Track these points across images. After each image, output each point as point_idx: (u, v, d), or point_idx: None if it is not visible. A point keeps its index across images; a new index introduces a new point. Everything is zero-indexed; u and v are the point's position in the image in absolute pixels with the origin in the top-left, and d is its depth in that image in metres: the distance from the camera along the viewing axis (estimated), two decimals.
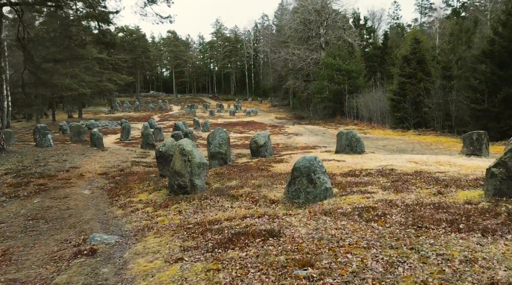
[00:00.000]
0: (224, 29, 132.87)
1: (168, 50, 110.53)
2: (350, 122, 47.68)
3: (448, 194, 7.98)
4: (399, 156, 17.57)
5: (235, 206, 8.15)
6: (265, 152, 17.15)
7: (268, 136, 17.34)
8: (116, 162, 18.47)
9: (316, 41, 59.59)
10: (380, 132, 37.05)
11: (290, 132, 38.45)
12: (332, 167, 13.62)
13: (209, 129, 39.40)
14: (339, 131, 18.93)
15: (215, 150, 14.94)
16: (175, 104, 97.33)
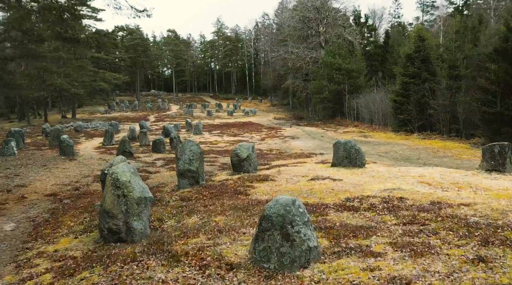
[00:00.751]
0: (225, 28, 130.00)
1: (168, 49, 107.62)
2: (350, 124, 44.72)
3: (495, 262, 5.05)
4: (406, 170, 14.62)
5: (170, 277, 5.22)
6: (249, 166, 14.20)
7: (252, 148, 14.40)
8: (77, 177, 15.57)
9: (316, 39, 56.56)
10: (381, 135, 34.08)
11: (286, 136, 35.51)
12: (325, 190, 10.71)
13: (201, 132, 36.50)
14: (336, 141, 15.97)
15: (184, 167, 12.02)
16: (174, 103, 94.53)
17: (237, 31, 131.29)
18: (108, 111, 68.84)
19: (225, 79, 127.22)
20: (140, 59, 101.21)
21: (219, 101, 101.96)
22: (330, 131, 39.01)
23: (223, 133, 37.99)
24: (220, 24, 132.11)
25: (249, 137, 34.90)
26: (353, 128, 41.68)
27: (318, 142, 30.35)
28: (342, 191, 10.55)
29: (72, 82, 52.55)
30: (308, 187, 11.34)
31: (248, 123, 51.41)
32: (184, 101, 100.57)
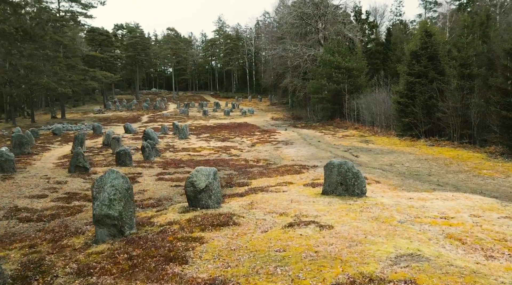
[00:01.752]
0: (226, 27, 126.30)
1: (167, 47, 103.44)
2: (350, 126, 40.54)
3: None
4: (420, 202, 10.64)
5: None
6: (208, 199, 10.13)
7: (214, 174, 10.31)
8: None
9: (314, 36, 52.36)
10: (384, 141, 29.94)
11: (279, 140, 31.45)
12: (305, 256, 6.68)
13: (187, 136, 32.46)
14: (329, 162, 11.89)
15: (101, 211, 7.97)
16: (173, 102, 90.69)
17: (238, 30, 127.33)
18: (102, 111, 64.91)
19: (226, 78, 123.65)
20: (140, 57, 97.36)
21: (219, 100, 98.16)
22: (328, 135, 34.89)
23: (212, 137, 33.96)
24: (221, 23, 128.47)
25: (238, 143, 30.87)
26: (353, 131, 37.55)
27: (313, 150, 26.24)
28: (330, 258, 6.49)
29: (60, 81, 48.51)
30: (281, 244, 7.30)
31: (243, 124, 47.37)
32: (184, 100, 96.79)
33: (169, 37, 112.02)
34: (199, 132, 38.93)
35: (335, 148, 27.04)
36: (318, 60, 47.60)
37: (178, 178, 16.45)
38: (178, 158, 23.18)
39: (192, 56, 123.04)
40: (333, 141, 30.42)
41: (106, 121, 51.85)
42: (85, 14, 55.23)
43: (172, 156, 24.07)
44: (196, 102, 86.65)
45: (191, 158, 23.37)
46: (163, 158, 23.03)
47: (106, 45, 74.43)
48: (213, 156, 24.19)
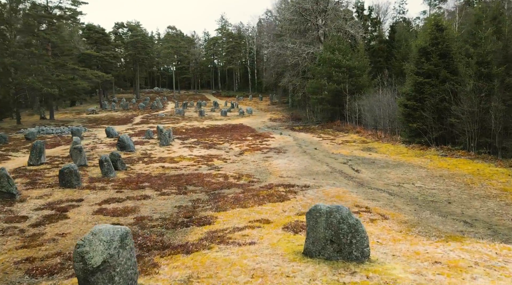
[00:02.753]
0: (228, 25, 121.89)
1: (168, 46, 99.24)
2: (351, 130, 36.25)
3: None
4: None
5: None
6: (109, 283, 5.97)
7: (122, 239, 6.14)
8: None
9: (314, 33, 47.96)
10: (390, 149, 25.65)
11: (272, 147, 27.21)
12: None
13: (169, 143, 28.27)
14: (313, 207, 7.70)
15: None
16: (173, 101, 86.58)
17: (240, 29, 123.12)
18: (96, 111, 60.89)
19: (228, 76, 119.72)
20: (140, 56, 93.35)
21: (220, 99, 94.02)
22: (327, 141, 30.62)
23: (199, 143, 29.80)
24: (224, 22, 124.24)
25: (225, 150, 26.70)
26: (354, 135, 33.25)
27: (307, 160, 21.99)
28: None
29: (45, 81, 44.43)
30: None
31: (238, 126, 43.20)
32: (184, 99, 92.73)
33: (169, 35, 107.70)
34: (187, 136, 34.78)
35: (333, 158, 22.78)
36: (317, 58, 43.25)
37: (126, 208, 12.31)
38: (147, 172, 19.04)
39: (194, 55, 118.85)
40: (331, 149, 26.15)
41: (95, 123, 47.82)
42: (75, 11, 51.01)
43: (142, 169, 19.94)
44: (195, 101, 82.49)
45: (163, 172, 19.24)
46: (129, 172, 18.89)
47: (102, 43, 70.30)
48: (190, 169, 20.02)
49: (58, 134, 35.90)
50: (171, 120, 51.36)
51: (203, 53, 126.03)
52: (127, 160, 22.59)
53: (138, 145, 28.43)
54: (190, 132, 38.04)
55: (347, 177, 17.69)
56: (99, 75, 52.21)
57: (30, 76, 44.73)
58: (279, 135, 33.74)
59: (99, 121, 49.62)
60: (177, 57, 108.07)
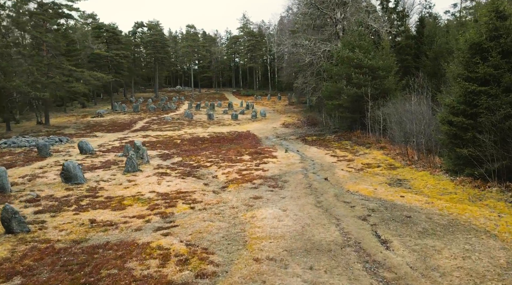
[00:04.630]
0: (250, 23, 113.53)
1: (186, 45, 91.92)
2: (373, 144, 27.89)
3: None
4: None
5: None
6: None
7: None
8: None
9: (331, 28, 39.44)
10: (428, 182, 17.32)
11: (268, 176, 19.16)
12: None
13: (136, 169, 20.47)
14: None
15: None
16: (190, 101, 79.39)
17: (262, 27, 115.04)
18: (102, 113, 54.04)
19: (248, 75, 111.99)
20: (159, 55, 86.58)
21: (239, 98, 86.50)
22: (343, 163, 22.41)
23: (181, 165, 22.12)
24: (245, 20, 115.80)
25: (207, 179, 18.93)
26: (378, 152, 24.94)
27: (309, 211, 13.89)
28: None
29: (34, 84, 37.57)
30: None
31: (243, 135, 35.39)
32: (203, 98, 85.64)
33: (188, 34, 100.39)
34: (174, 152, 27.22)
35: (348, 203, 14.61)
36: (334, 57, 34.81)
37: None
38: (54, 239, 11.50)
39: (215, 54, 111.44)
40: (347, 181, 17.97)
41: (90, 130, 40.85)
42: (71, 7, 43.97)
43: (57, 229, 12.41)
44: (211, 101, 74.96)
45: (77, 238, 11.67)
46: (25, 240, 11.38)
47: (113, 43, 63.42)
48: (129, 228, 12.34)
49: (30, 148, 28.88)
50: (175, 125, 43.98)
51: (224, 51, 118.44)
52: (60, 201, 15.16)
53: (100, 169, 20.98)
54: (183, 145, 30.47)
55: (368, 263, 9.65)
56: (98, 77, 45.14)
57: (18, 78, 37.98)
58: (284, 153, 25.60)
59: (96, 127, 42.67)
60: (197, 56, 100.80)
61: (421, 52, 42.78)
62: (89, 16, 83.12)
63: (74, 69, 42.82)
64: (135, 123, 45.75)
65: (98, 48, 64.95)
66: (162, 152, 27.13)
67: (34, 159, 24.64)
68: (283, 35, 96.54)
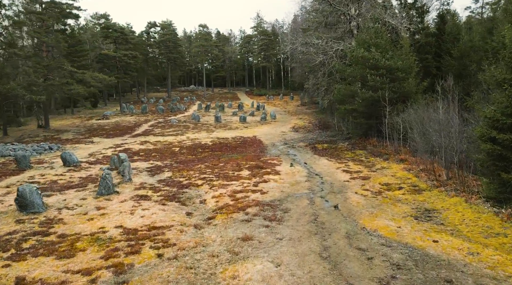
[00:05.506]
0: (264, 22, 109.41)
1: (198, 44, 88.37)
2: (392, 154, 23.82)
3: None
4: None
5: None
6: None
7: None
8: None
9: (344, 26, 35.23)
10: (466, 216, 13.24)
11: (266, 202, 15.29)
12: None
13: (111, 191, 16.77)
14: None
15: None
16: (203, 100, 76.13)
17: (275, 26, 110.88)
18: (107, 116, 50.90)
19: (262, 74, 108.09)
20: (172, 55, 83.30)
21: (251, 97, 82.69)
22: (357, 182, 18.42)
23: (167, 184, 18.49)
24: (259, 19, 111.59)
25: (193, 205, 15.23)
26: (398, 167, 20.88)
27: (311, 266, 10.10)
28: None
29: (30, 87, 34.41)
30: None
31: (248, 142, 31.63)
32: (215, 98, 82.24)
33: (201, 34, 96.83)
34: (168, 163, 23.62)
35: (363, 254, 10.65)
36: (347, 57, 30.65)
37: None
38: None
39: (228, 53, 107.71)
40: (362, 211, 14.03)
41: (90, 134, 37.64)
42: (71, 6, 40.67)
43: None
44: (221, 101, 71.35)
45: None
46: None
47: (121, 43, 60.20)
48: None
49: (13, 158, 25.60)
50: (179, 129, 40.47)
51: (237, 51, 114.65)
52: None
53: (73, 189, 17.46)
54: (181, 155, 26.87)
55: None
56: (100, 78, 41.83)
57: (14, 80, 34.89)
58: (289, 167, 21.66)
59: (97, 131, 39.43)
60: (210, 56, 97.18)
61: (442, 50, 38.24)
62: (101, 16, 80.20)
63: (75, 71, 39.58)
64: (139, 127, 42.39)
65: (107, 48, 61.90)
66: (154, 164, 23.53)
67: (9, 172, 21.32)
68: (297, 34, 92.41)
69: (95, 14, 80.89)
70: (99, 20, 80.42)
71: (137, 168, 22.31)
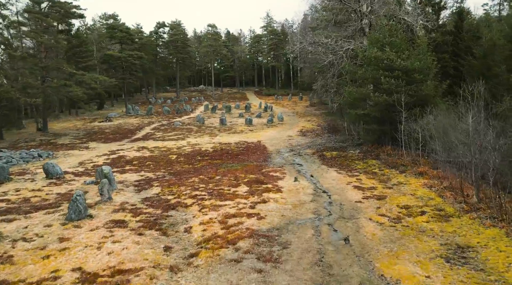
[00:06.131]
0: (273, 22, 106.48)
1: (206, 44, 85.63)
2: (409, 166, 20.78)
3: None
4: None
5: None
6: None
7: None
8: None
9: (355, 23, 32.08)
10: (511, 256, 10.22)
11: (262, 232, 12.36)
12: None
13: (84, 215, 14.00)
14: None
15: None
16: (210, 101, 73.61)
17: (285, 25, 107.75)
18: (110, 118, 48.51)
19: (271, 74, 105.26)
20: (181, 55, 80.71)
21: (260, 97, 79.86)
22: (371, 199, 15.46)
23: (151, 205, 15.74)
24: (269, 19, 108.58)
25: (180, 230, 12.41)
26: (418, 183, 17.82)
27: None
28: None
29: (25, 89, 32.03)
30: None
31: (251, 148, 28.82)
32: (224, 98, 79.56)
33: (209, 34, 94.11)
34: (160, 175, 20.92)
35: None
36: (359, 56, 27.53)
37: None
38: None
39: (237, 53, 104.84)
40: (379, 250, 11.06)
41: (85, 138, 35.19)
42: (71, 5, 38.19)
43: None
44: (229, 102, 68.65)
45: None
46: None
47: (126, 43, 57.77)
48: None
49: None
50: (182, 132, 37.83)
51: (247, 50, 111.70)
52: None
53: (43, 211, 14.76)
54: (176, 164, 24.14)
55: None
56: (100, 80, 39.33)
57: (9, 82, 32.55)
58: (293, 182, 18.72)
59: (96, 135, 36.97)
60: (219, 56, 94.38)
61: (460, 50, 34.91)
62: (110, 16, 77.93)
63: (74, 72, 37.11)
64: (140, 130, 39.86)
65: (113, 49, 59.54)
66: (145, 176, 20.83)
67: None
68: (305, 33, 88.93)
69: (104, 15, 78.72)
70: (107, 20, 78.16)
71: (125, 181, 19.63)
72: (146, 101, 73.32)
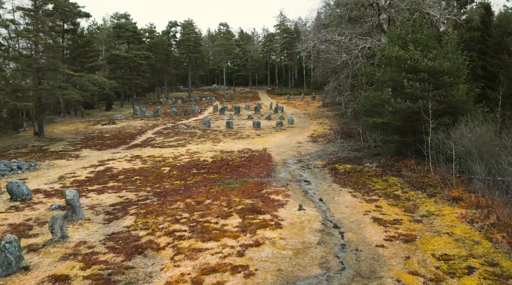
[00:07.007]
0: (287, 21, 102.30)
1: (218, 43, 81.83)
2: (438, 186, 16.59)
3: None
4: None
5: None
6: None
7: None
8: None
9: (372, 19, 27.77)
10: None
11: None
12: None
13: (15, 268, 10.46)
14: None
15: None
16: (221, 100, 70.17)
17: (298, 24, 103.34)
18: (113, 120, 45.20)
19: (284, 72, 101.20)
20: (193, 55, 77.25)
21: (272, 97, 76.06)
22: (397, 241, 11.48)
23: (109, 251, 12.03)
24: (282, 17, 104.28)
25: None
26: (454, 214, 13.68)
27: None
28: None
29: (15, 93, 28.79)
30: None
31: (253, 160, 24.91)
32: (235, 98, 76.00)
33: (221, 33, 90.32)
34: (143, 196, 17.23)
35: None
36: (377, 56, 23.29)
37: None
38: None
39: (250, 52, 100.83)
40: None
41: (80, 144, 31.89)
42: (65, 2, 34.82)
43: None
44: (239, 102, 64.91)
45: None
46: None
47: (133, 42, 54.39)
48: None
49: None
50: (184, 137, 34.22)
51: (259, 49, 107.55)
52: None
53: None
54: (167, 180, 20.44)
55: None
56: (99, 81, 35.93)
57: None
58: (297, 210, 14.74)
59: (93, 140, 33.63)
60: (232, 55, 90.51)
61: (488, 47, 30.27)
62: (121, 16, 74.78)
63: (71, 74, 33.76)
64: (142, 134, 36.38)
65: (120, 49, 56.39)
66: (124, 198, 17.18)
67: None
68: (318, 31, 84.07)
69: (115, 14, 75.65)
70: (119, 20, 75.05)
71: (98, 205, 16.02)
72: (157, 101, 70.19)
